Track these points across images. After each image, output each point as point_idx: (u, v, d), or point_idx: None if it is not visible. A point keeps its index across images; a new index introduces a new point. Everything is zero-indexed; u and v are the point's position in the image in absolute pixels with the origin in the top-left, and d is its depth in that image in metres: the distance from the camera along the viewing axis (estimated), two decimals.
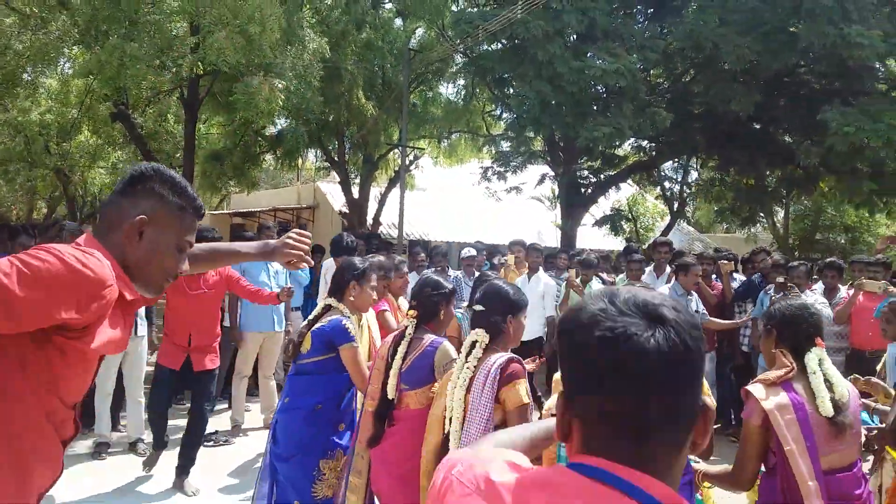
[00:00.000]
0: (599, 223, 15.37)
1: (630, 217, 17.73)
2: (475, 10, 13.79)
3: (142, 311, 6.27)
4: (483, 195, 17.59)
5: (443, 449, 2.92)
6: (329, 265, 6.35)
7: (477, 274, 8.64)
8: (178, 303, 5.24)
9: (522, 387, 2.79)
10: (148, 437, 6.47)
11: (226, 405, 7.45)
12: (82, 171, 17.67)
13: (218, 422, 6.88)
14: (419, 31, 16.84)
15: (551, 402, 2.95)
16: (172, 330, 5.28)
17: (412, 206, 17.43)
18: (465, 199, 20.43)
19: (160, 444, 5.37)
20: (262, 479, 3.79)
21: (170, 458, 5.44)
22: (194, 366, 5.20)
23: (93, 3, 8.63)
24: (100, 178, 17.90)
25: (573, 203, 13.73)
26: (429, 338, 3.32)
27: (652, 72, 13.41)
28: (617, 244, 16.97)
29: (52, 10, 9.38)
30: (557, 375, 2.98)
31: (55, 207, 22.71)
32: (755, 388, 2.70)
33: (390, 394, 3.29)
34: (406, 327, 3.39)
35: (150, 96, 11.88)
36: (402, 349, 3.31)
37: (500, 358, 2.86)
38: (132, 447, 6.27)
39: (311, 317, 3.66)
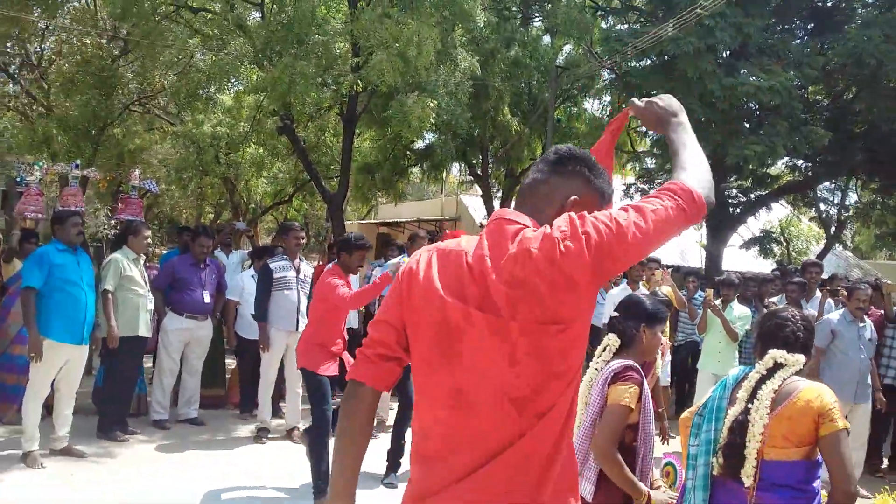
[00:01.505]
0: (748, 245, 14.85)
1: (782, 239, 16.96)
2: (625, 27, 13.79)
3: (304, 308, 6.81)
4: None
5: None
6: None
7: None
8: (339, 308, 5.27)
9: (628, 389, 2.88)
10: (303, 424, 7.03)
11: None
12: (247, 179, 19.01)
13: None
14: (566, 48, 16.99)
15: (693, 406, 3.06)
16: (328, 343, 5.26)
17: None
18: None
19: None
20: None
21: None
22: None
23: (268, 27, 9.45)
24: (262, 186, 19.19)
25: (720, 223, 13.37)
26: None
27: (810, 89, 12.87)
28: (766, 267, 16.29)
29: (231, 33, 10.31)
30: (684, 414, 3.11)
31: (220, 213, 24.50)
32: None
33: None
34: None
35: (312, 112, 12.71)
36: None
37: (618, 363, 3.01)
38: (288, 434, 6.84)
39: None
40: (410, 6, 9.41)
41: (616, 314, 3.24)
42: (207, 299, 7.11)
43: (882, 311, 7.02)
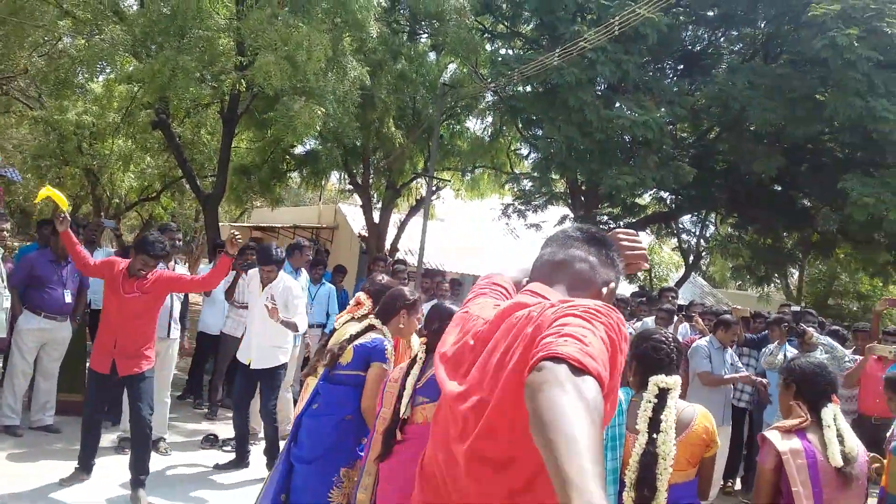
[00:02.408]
0: None
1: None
2: (511, 52, 14.17)
3: (177, 314, 6.52)
4: (501, 230, 17.82)
5: None
6: (253, 273, 6.25)
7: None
8: (111, 305, 5.18)
9: None
10: (170, 436, 6.72)
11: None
12: (112, 172, 18.04)
13: (227, 429, 7.06)
14: (451, 67, 17.24)
15: None
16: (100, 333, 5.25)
17: (431, 236, 17.69)
18: (482, 233, 20.65)
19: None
20: (271, 480, 3.97)
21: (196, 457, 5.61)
22: (119, 370, 5.14)
23: (149, 16, 9.01)
24: (128, 181, 18.27)
25: None
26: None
27: (678, 126, 13.69)
28: (630, 290, 17.14)
29: (106, 18, 9.76)
30: None
31: (80, 206, 23.10)
32: (772, 434, 2.94)
33: (402, 411, 3.49)
34: (417, 353, 3.61)
35: (189, 108, 12.23)
36: (415, 370, 3.51)
37: None
38: (154, 445, 6.49)
39: (354, 332, 3.86)
40: (302, 9, 9.26)
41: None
42: (68, 299, 6.65)
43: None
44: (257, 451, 6.25)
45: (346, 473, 3.82)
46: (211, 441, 6.85)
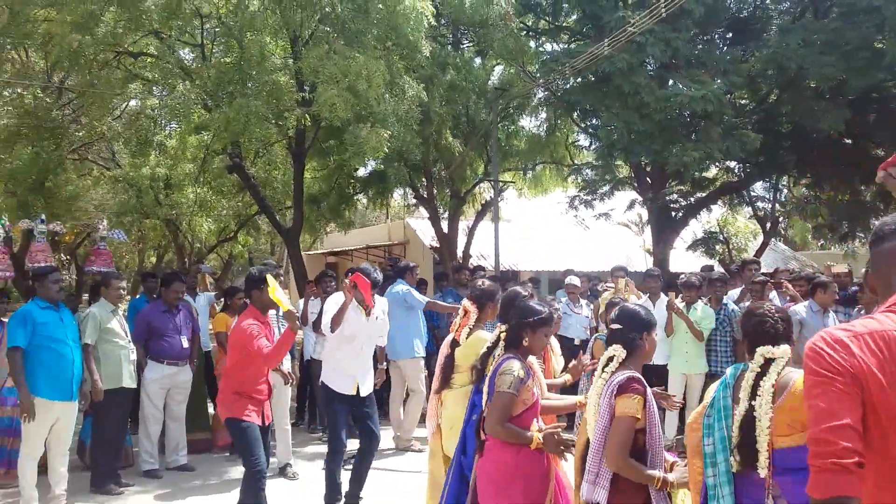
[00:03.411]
0: (693, 246, 15.49)
1: (722, 238, 17.74)
2: (556, 47, 14.30)
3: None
4: (569, 223, 17.91)
5: (585, 450, 3.34)
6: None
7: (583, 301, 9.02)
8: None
9: (633, 401, 3.13)
10: (295, 463, 7.10)
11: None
12: (189, 219, 18.82)
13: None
14: (498, 69, 17.43)
15: (699, 408, 3.32)
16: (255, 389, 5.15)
17: (500, 237, 17.88)
18: (549, 228, 20.76)
19: None
20: (449, 491, 4.21)
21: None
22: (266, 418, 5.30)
23: (217, 69, 9.55)
24: (206, 225, 19.02)
25: (664, 227, 13.95)
26: (503, 357, 3.71)
27: (736, 95, 13.57)
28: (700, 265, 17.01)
29: (175, 77, 10.35)
30: (712, 386, 3.37)
31: (163, 255, 24.12)
32: None
33: (484, 406, 3.72)
34: (496, 349, 3.84)
35: (258, 148, 12.78)
36: (491, 370, 3.75)
37: (622, 375, 3.26)
38: (281, 471, 6.90)
39: (489, 344, 4.06)
40: (355, 40, 9.63)
41: (619, 326, 3.48)
42: (185, 344, 7.13)
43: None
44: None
45: None
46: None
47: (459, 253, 17.18)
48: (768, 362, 3.09)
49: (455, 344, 4.57)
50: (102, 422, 6.47)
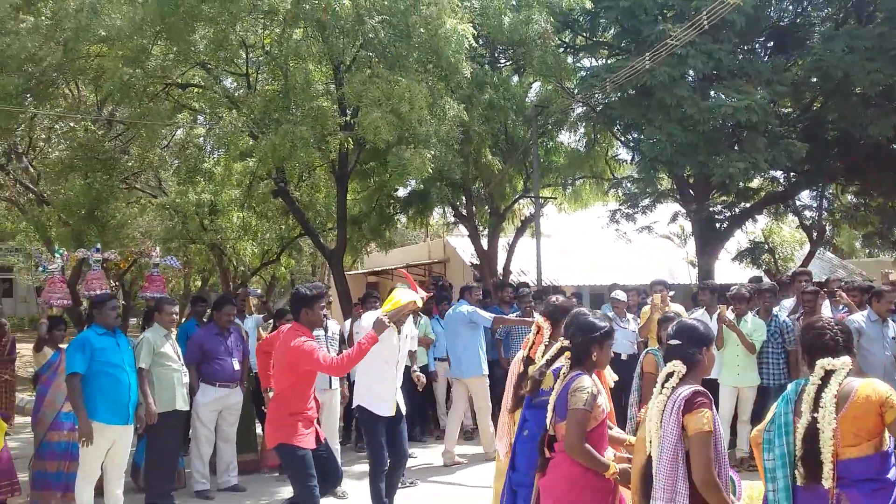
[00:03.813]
0: (739, 257, 15.25)
1: (768, 248, 17.46)
2: (595, 62, 14.30)
3: None
4: (610, 238, 17.79)
5: (646, 467, 3.30)
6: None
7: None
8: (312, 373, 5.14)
9: (704, 415, 3.10)
10: (343, 482, 7.14)
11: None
12: (234, 243, 19.11)
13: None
14: (535, 85, 17.48)
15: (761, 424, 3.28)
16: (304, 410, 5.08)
17: (541, 253, 17.84)
18: (590, 243, 20.65)
19: None
20: None
21: None
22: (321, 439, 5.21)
23: (265, 96, 9.76)
24: (250, 248, 19.30)
25: (708, 239, 13.78)
26: (574, 373, 3.68)
27: (779, 103, 13.41)
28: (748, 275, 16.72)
29: (222, 105, 10.59)
30: (753, 433, 3.32)
31: (208, 279, 24.51)
32: None
33: (548, 423, 3.69)
34: (563, 366, 3.80)
35: (301, 172, 12.97)
36: (557, 386, 3.71)
37: (687, 389, 3.23)
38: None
39: (548, 357, 4.06)
40: (397, 64, 9.75)
41: (677, 341, 3.45)
42: (237, 367, 7.26)
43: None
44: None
45: None
46: None
47: (500, 269, 17.17)
48: (829, 374, 3.06)
49: (529, 361, 4.55)
50: (156, 444, 6.59)
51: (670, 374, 3.34)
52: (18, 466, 6.61)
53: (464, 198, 16.78)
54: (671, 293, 8.07)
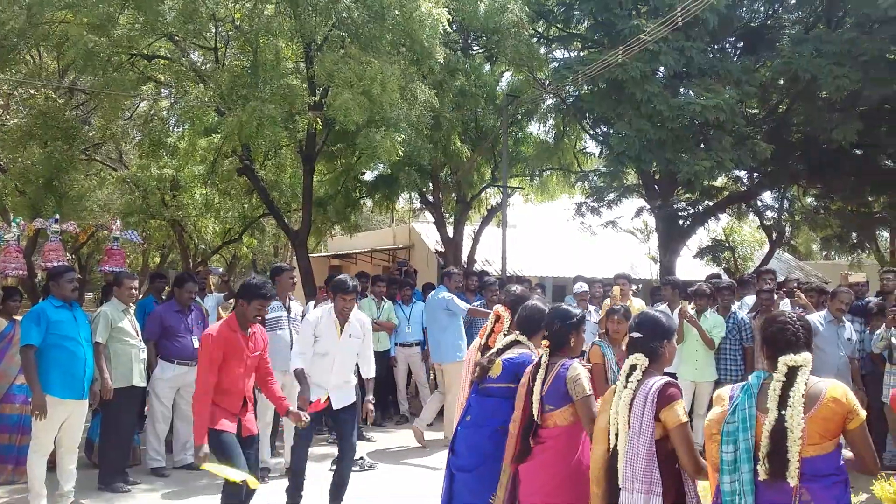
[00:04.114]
0: (700, 254, 15.44)
1: (728, 246, 17.73)
2: (571, 55, 14.31)
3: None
4: (575, 230, 17.90)
5: (611, 459, 3.33)
6: (322, 312, 5.87)
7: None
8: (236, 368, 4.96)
9: (680, 407, 3.21)
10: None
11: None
12: (195, 220, 18.83)
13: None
14: (507, 75, 17.46)
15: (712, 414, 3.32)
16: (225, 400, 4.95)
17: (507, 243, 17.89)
18: (554, 234, 20.76)
19: None
20: (443, 492, 4.25)
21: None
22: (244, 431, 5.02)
23: (231, 72, 9.58)
24: (211, 226, 19.04)
25: (671, 235, 13.93)
26: (562, 361, 3.76)
27: (746, 104, 13.58)
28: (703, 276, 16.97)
29: (189, 79, 10.38)
30: (719, 391, 3.37)
31: (167, 255, 24.15)
32: None
33: (535, 415, 3.72)
34: (542, 356, 3.83)
35: (267, 150, 12.80)
36: (540, 375, 3.76)
37: (658, 381, 3.27)
38: (288, 471, 6.89)
39: (499, 346, 4.09)
40: (370, 45, 9.65)
41: (638, 334, 3.47)
42: (196, 344, 7.11)
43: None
44: None
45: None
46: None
47: (464, 258, 17.18)
48: (792, 370, 3.09)
49: (486, 349, 4.55)
50: (112, 420, 6.48)
51: (633, 368, 3.37)
52: None
53: (431, 184, 16.74)
54: (634, 287, 8.17)
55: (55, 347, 5.64)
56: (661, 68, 11.88)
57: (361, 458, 7.23)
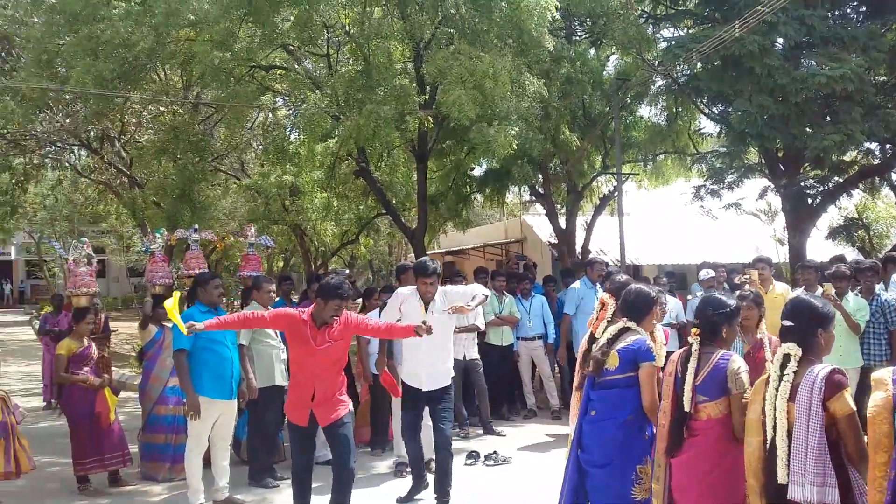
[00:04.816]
0: (833, 235, 14.67)
1: (861, 224, 16.73)
2: (680, 33, 13.89)
3: None
4: (692, 215, 17.36)
5: (768, 451, 3.21)
6: (406, 294, 5.92)
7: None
8: (304, 357, 5.07)
9: (848, 395, 3.06)
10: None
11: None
12: (314, 225, 19.46)
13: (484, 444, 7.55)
14: (613, 58, 17.11)
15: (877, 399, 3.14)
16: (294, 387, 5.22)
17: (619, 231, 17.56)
18: (671, 221, 20.21)
19: None
20: (564, 489, 4.22)
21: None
22: (320, 421, 5.15)
23: (346, 77, 9.87)
24: (330, 228, 19.63)
25: (799, 216, 13.29)
26: (719, 352, 3.65)
27: (874, 71, 12.77)
28: (851, 255, 16.05)
29: (306, 87, 10.74)
30: (877, 374, 3.19)
31: (289, 259, 25.08)
32: None
33: (686, 406, 3.62)
34: (691, 345, 3.72)
35: (382, 151, 13.09)
36: (692, 365, 3.64)
37: (823, 369, 3.11)
38: (426, 465, 7.03)
39: (608, 336, 4.03)
40: (478, 40, 9.69)
41: (790, 322, 3.32)
42: None
43: None
44: None
45: (642, 470, 4.02)
46: (474, 457, 7.29)
47: (578, 248, 16.99)
48: None
49: (593, 339, 4.51)
50: (258, 418, 6.79)
51: (787, 358, 3.23)
52: (127, 438, 6.90)
53: (540, 176, 16.64)
54: (772, 271, 7.83)
55: (204, 351, 5.96)
56: (780, 40, 11.38)
57: (495, 452, 7.30)
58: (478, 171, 17.41)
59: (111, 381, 6.89)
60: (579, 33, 15.70)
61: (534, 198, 18.78)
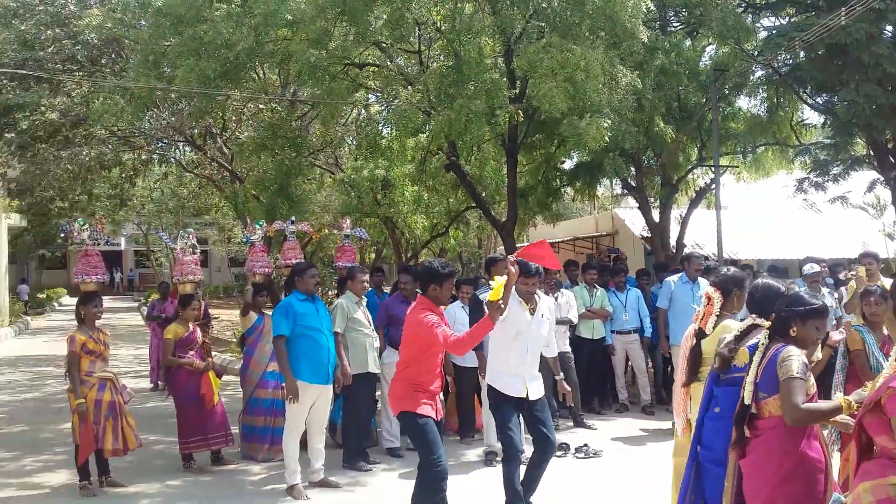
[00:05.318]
0: None
1: None
2: (781, 22, 13.39)
3: None
4: (794, 208, 16.71)
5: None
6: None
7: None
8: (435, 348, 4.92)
9: None
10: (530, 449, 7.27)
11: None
12: (404, 218, 19.76)
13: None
14: (709, 49, 16.63)
15: None
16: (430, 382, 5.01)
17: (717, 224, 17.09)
18: (771, 214, 19.52)
19: None
20: (683, 485, 4.15)
21: None
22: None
23: (438, 72, 10.01)
24: (421, 222, 19.87)
25: None
26: (774, 346, 3.52)
27: None
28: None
29: (397, 84, 10.94)
30: None
31: (381, 251, 25.57)
32: None
33: (747, 399, 3.51)
34: (760, 339, 3.61)
35: (472, 145, 13.17)
36: (756, 359, 3.55)
37: None
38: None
39: (737, 333, 3.94)
40: (570, 33, 9.63)
41: None
42: None
43: None
44: None
45: None
46: (564, 449, 7.30)
47: (672, 242, 16.62)
48: None
49: (701, 334, 4.42)
50: (352, 404, 7.02)
51: None
52: (229, 420, 7.26)
53: (633, 169, 16.36)
54: (880, 266, 7.49)
55: (302, 337, 6.23)
56: (889, 27, 10.82)
57: (585, 444, 7.31)
58: (568, 165, 17.28)
59: (215, 364, 7.26)
60: (674, 24, 15.34)
61: (626, 191, 18.48)
